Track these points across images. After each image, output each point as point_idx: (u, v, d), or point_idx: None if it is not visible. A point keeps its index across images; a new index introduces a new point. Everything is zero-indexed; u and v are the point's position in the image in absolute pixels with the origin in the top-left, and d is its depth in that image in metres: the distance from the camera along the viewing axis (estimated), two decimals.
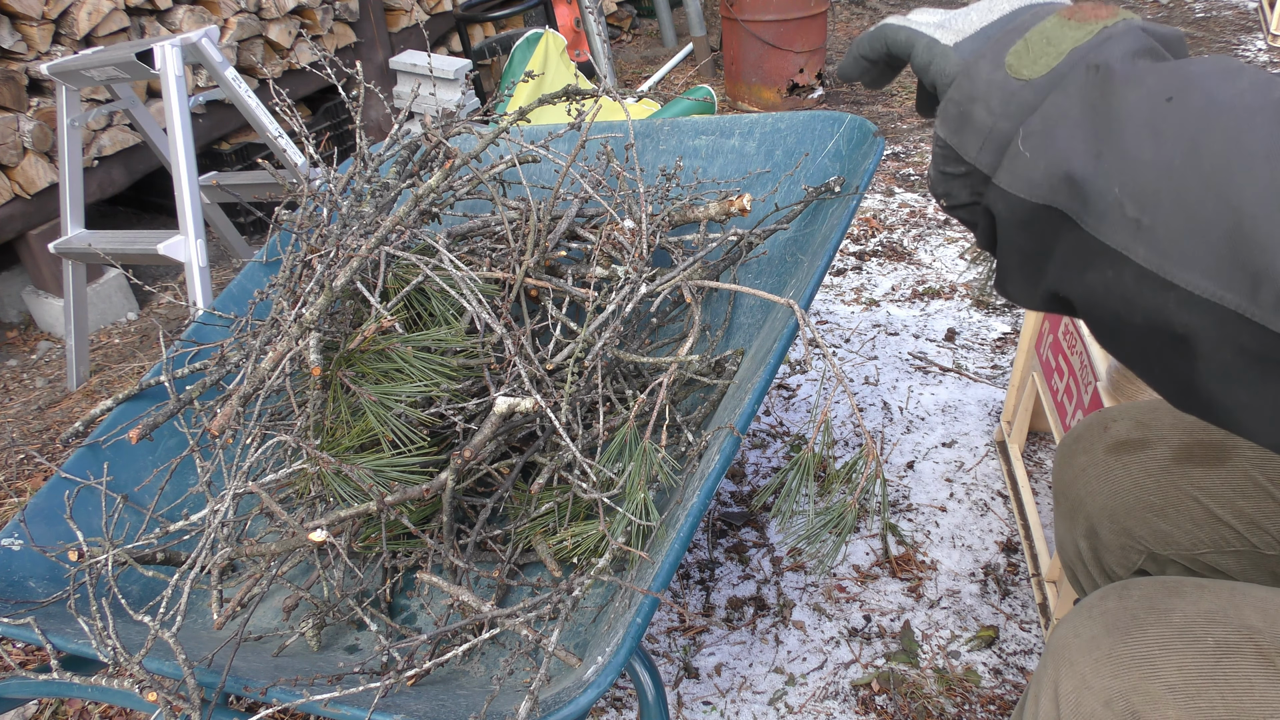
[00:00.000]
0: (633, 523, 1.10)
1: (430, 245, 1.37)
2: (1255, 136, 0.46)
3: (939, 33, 0.63)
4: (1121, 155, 0.50)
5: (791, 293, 1.33)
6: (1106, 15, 0.56)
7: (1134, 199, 0.49)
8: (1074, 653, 0.76)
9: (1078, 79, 0.53)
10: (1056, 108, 0.54)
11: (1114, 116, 0.51)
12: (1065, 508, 1.04)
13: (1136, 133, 0.49)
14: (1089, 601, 0.79)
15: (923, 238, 2.97)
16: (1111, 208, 0.50)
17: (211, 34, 2.26)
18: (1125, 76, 0.51)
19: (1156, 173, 0.48)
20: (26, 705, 1.59)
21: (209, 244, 2.70)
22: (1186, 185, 0.47)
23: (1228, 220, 0.45)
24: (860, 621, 1.63)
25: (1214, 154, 0.46)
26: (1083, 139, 0.51)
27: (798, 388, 2.30)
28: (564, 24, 4.18)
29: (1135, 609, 0.75)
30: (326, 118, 3.52)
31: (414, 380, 1.16)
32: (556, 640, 0.96)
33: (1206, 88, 0.49)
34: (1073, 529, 1.02)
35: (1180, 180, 0.47)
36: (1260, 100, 0.47)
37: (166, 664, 0.99)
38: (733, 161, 1.67)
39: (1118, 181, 0.49)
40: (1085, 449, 1.03)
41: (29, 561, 1.24)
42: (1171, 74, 0.50)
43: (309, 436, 1.20)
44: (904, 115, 4.00)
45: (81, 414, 2.41)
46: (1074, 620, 0.79)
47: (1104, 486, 0.98)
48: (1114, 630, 0.74)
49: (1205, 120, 0.47)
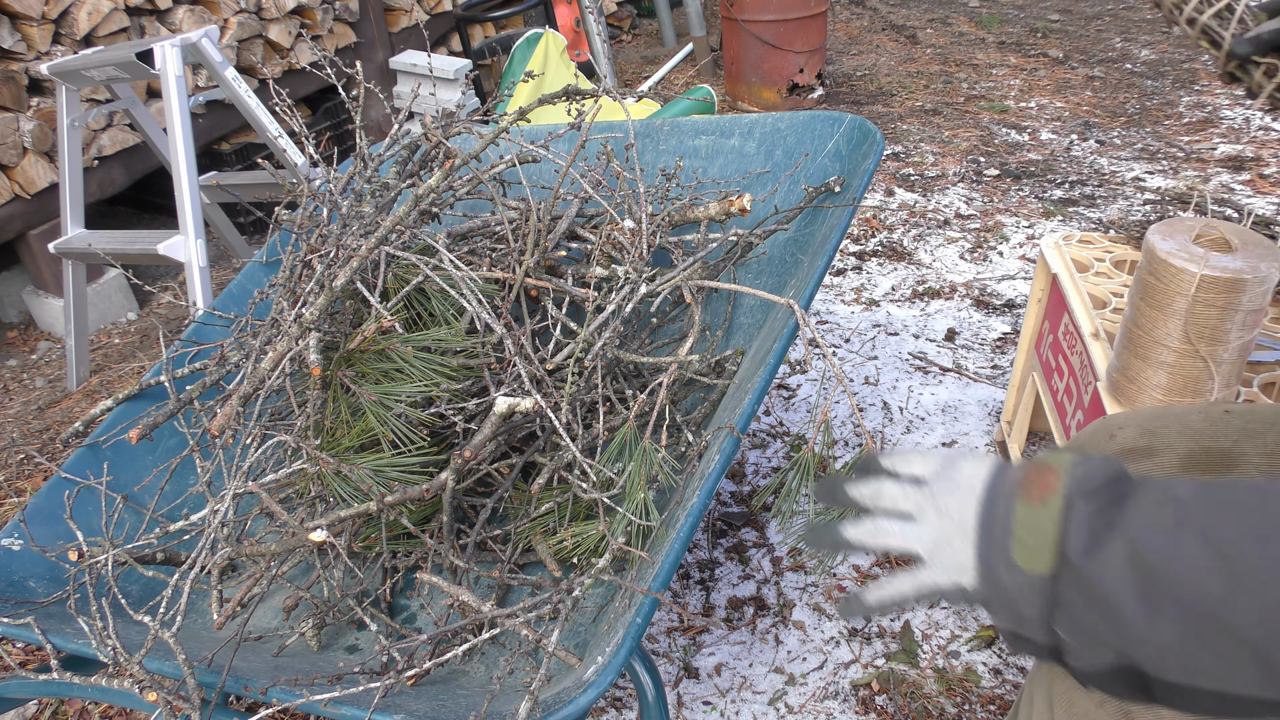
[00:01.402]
0: (633, 523, 1.10)
1: (430, 245, 1.37)
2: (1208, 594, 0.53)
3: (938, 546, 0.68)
4: (1132, 630, 0.57)
5: (791, 293, 1.33)
6: (1054, 485, 0.62)
7: (1163, 656, 0.57)
8: None
9: (1069, 577, 0.60)
10: (1069, 603, 0.61)
11: (1108, 602, 0.58)
12: None
13: (1132, 609, 0.57)
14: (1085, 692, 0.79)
15: (923, 238, 2.97)
16: (1156, 662, 0.57)
17: (211, 34, 2.26)
18: (1100, 566, 0.58)
19: (1170, 633, 0.56)
20: (26, 705, 1.59)
21: (209, 244, 2.70)
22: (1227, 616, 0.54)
23: (1249, 653, 0.53)
24: (860, 621, 1.63)
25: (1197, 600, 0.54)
26: (1102, 624, 0.59)
27: (798, 388, 2.30)
28: (564, 24, 4.19)
29: None
30: (326, 118, 3.52)
31: (414, 380, 1.16)
32: (556, 640, 0.96)
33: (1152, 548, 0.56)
34: None
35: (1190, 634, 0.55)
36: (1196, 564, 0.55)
37: (166, 664, 0.99)
38: (733, 161, 1.67)
39: (1145, 647, 0.57)
40: None
41: (29, 561, 1.24)
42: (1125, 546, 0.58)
43: (309, 436, 1.20)
44: (904, 115, 4.00)
45: (81, 414, 2.41)
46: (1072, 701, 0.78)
47: None
48: None
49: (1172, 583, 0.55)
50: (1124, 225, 1.76)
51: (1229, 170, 3.26)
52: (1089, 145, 3.57)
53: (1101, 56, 4.60)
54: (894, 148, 3.69)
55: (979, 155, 3.56)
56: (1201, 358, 1.16)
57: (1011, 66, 4.54)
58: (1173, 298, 1.14)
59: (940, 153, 3.60)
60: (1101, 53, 4.66)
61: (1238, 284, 1.09)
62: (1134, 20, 5.19)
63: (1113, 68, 4.42)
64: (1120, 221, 2.82)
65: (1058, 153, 3.53)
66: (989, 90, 4.23)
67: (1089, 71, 4.38)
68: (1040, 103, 4.05)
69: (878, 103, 4.18)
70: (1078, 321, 1.47)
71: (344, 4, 3.43)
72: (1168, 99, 3.99)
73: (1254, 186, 3.13)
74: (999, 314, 2.52)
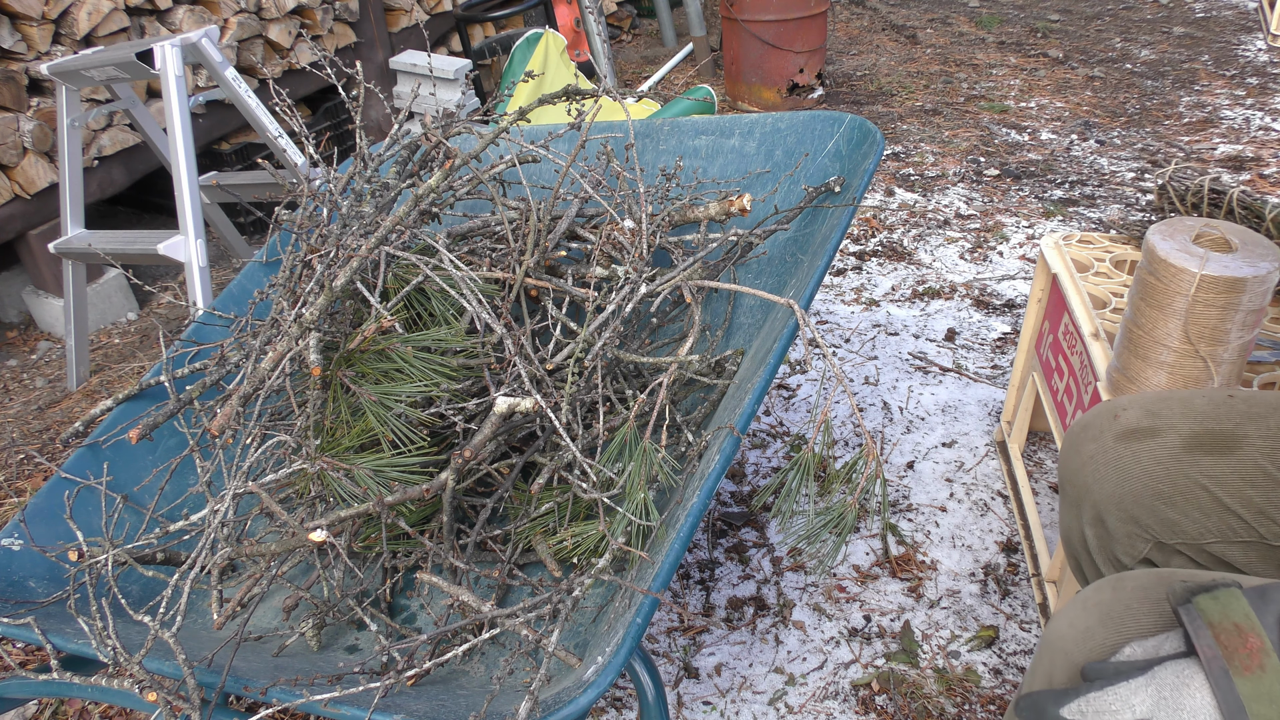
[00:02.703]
0: (633, 523, 1.10)
1: (430, 245, 1.37)
2: None
3: None
4: None
5: (791, 293, 1.33)
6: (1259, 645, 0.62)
7: None
8: (1068, 644, 0.77)
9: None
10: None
11: None
12: (1072, 495, 1.04)
13: None
14: (1084, 594, 0.79)
15: (923, 238, 2.97)
16: None
17: (211, 34, 2.26)
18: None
19: None
20: (26, 705, 1.59)
21: (209, 244, 2.70)
22: None
23: None
24: (860, 621, 1.63)
25: None
26: None
27: (798, 388, 2.30)
28: (564, 24, 4.19)
29: (1129, 600, 0.75)
30: (326, 117, 3.52)
31: (414, 380, 1.16)
32: (556, 640, 0.96)
33: None
34: (1079, 517, 1.02)
35: None
36: None
37: (166, 664, 0.99)
38: (733, 161, 1.67)
39: None
40: (1094, 437, 1.03)
41: (29, 561, 1.24)
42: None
43: (309, 437, 1.20)
44: (904, 115, 4.00)
45: (81, 414, 2.41)
46: (1069, 612, 0.79)
47: (1112, 474, 0.98)
48: (1107, 621, 0.75)
49: None
50: (1124, 225, 1.76)
51: (1229, 170, 3.26)
52: (1089, 145, 3.57)
53: (1101, 56, 4.60)
54: (894, 148, 3.69)
55: (979, 155, 3.56)
56: (1201, 358, 1.16)
57: (1011, 66, 4.54)
58: (1173, 298, 1.14)
59: (940, 153, 3.60)
60: (1101, 53, 4.66)
61: (1238, 284, 1.09)
62: (1134, 20, 5.19)
63: (1113, 68, 4.42)
64: (1120, 221, 2.82)
65: (1058, 153, 3.53)
66: (989, 90, 4.23)
67: (1089, 71, 4.39)
68: (1040, 103, 4.05)
69: (878, 103, 4.18)
70: (1078, 321, 1.47)
71: (344, 4, 3.43)
72: (1168, 99, 3.99)
73: (1254, 186, 3.13)
74: (999, 314, 2.52)
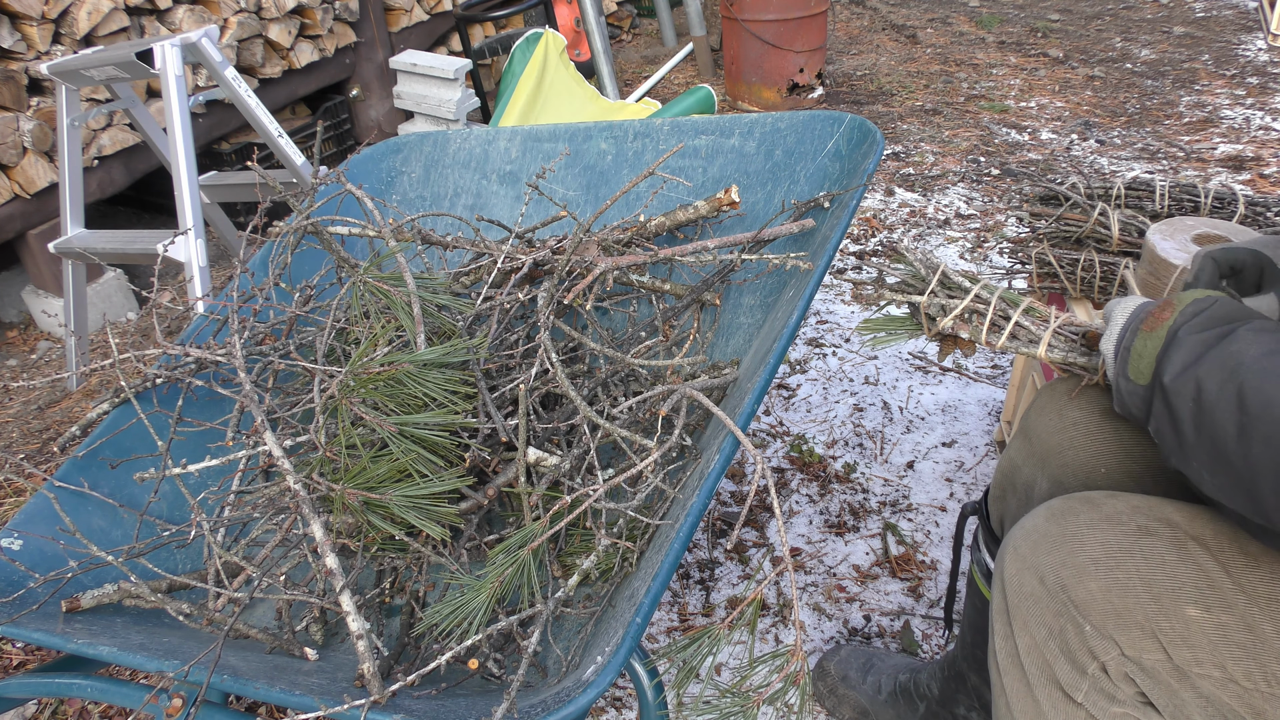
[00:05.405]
0: (627, 528, 1.10)
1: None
2: None
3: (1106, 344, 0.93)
4: (1186, 448, 0.78)
5: (791, 293, 1.33)
6: (1167, 317, 0.83)
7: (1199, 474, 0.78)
8: (1019, 541, 0.88)
9: (1158, 395, 0.81)
10: (1156, 414, 0.82)
11: (1177, 421, 0.78)
12: (1038, 449, 1.07)
13: (1188, 432, 0.77)
14: (1039, 507, 0.91)
15: (923, 238, 2.97)
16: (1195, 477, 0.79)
17: (211, 34, 2.26)
18: (1176, 391, 0.78)
19: (1209, 454, 0.75)
20: (26, 705, 1.59)
21: (209, 244, 2.70)
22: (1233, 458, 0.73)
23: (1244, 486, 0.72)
24: (860, 621, 1.64)
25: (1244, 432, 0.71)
26: (1170, 436, 0.80)
27: (798, 388, 2.30)
28: (564, 24, 4.19)
29: (1074, 502, 0.89)
30: (327, 117, 3.52)
31: (432, 408, 1.14)
32: (536, 640, 0.96)
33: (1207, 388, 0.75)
34: (1040, 469, 1.06)
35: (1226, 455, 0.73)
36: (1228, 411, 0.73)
37: (167, 664, 0.99)
38: (733, 161, 1.67)
39: (1190, 464, 0.79)
40: (1081, 405, 1.05)
41: (29, 561, 1.24)
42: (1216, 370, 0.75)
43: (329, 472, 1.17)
44: (904, 115, 4.00)
45: (81, 414, 2.41)
46: (1024, 521, 0.91)
47: (1090, 445, 1.01)
48: (1053, 517, 0.88)
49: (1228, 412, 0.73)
50: None
51: (1229, 170, 3.26)
52: (1089, 145, 3.57)
53: (1101, 56, 4.60)
54: (894, 147, 3.69)
55: (979, 155, 3.56)
56: None
57: (1011, 66, 4.54)
58: None
59: (940, 152, 3.60)
60: (1101, 52, 4.66)
61: None
62: (1134, 20, 5.19)
63: (1113, 67, 4.42)
64: None
65: (1058, 152, 3.53)
66: (989, 90, 4.23)
67: (1089, 71, 4.38)
68: (1040, 102, 4.05)
69: (878, 102, 4.18)
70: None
71: (344, 4, 3.43)
72: (1168, 99, 3.99)
73: (1254, 186, 3.13)
74: None
